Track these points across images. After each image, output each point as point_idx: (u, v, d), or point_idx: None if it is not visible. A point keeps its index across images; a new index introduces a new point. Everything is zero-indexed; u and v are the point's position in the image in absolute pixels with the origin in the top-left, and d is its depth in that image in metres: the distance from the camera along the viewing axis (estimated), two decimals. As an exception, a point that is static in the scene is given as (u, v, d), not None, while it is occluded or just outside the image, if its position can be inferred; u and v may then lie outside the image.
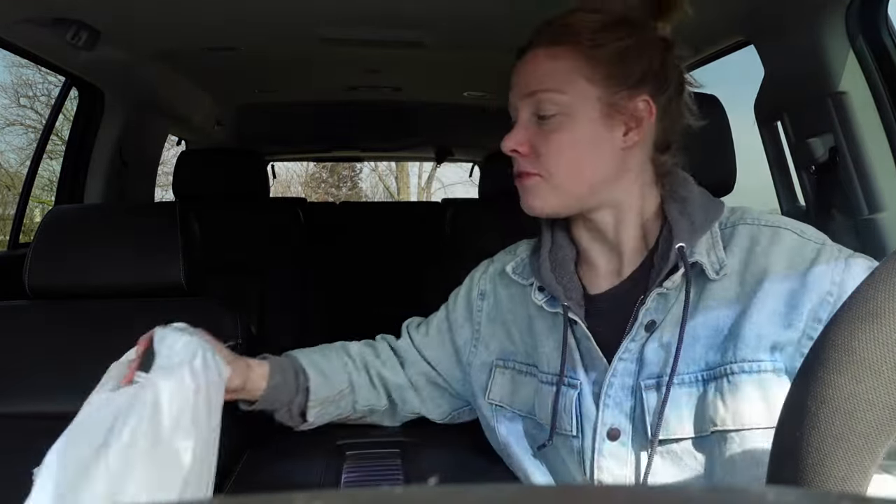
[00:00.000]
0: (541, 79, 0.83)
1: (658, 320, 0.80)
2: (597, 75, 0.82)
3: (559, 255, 0.90)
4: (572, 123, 0.82)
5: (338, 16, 1.60)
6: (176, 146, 3.01)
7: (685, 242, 0.80)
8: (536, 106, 0.83)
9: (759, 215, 0.83)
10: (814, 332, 0.74)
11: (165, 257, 1.31)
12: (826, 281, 0.75)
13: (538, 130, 0.84)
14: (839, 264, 0.76)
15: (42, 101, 8.04)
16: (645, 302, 0.81)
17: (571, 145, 0.83)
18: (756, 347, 0.75)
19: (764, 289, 0.76)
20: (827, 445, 0.40)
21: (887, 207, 1.26)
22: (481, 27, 1.69)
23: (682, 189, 0.85)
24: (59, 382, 1.26)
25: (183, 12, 1.55)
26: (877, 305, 0.40)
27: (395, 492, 0.27)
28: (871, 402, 0.39)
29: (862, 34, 1.27)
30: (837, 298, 0.74)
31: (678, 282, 0.80)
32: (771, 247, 0.78)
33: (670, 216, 0.83)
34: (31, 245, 1.33)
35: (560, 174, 0.83)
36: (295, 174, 12.11)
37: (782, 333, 0.75)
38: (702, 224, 0.82)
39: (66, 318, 1.32)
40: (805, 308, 0.75)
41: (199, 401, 0.77)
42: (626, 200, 0.85)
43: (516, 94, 0.86)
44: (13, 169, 7.88)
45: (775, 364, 0.75)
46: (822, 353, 0.42)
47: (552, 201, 0.85)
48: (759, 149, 1.57)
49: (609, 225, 0.86)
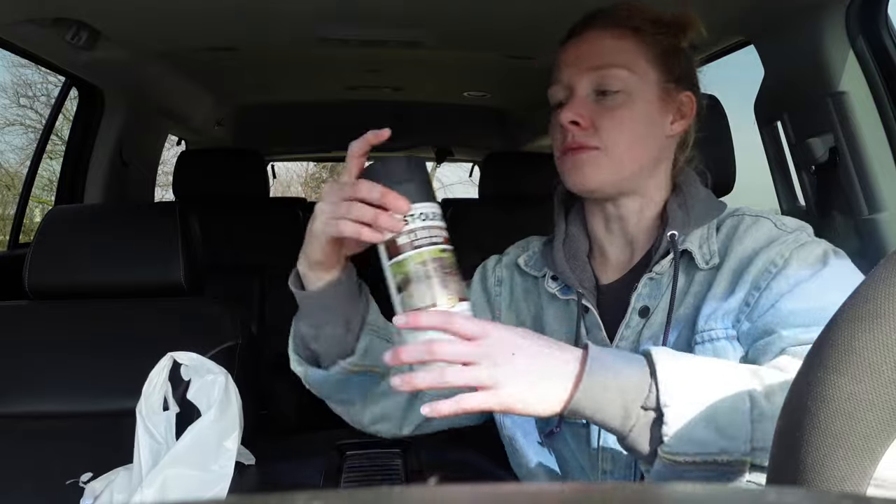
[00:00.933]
0: (607, 55, 0.85)
1: (652, 306, 0.84)
2: (656, 61, 0.86)
3: (573, 246, 0.92)
4: (632, 102, 0.85)
5: (338, 16, 1.60)
6: (176, 146, 3.01)
7: (678, 231, 0.83)
8: (599, 81, 0.85)
9: (749, 210, 0.86)
10: (751, 298, 0.78)
11: (165, 257, 1.31)
12: (775, 253, 0.78)
13: (597, 106, 0.85)
14: (797, 241, 0.79)
15: (42, 101, 8.04)
16: (637, 287, 0.85)
17: (632, 122, 0.85)
18: (710, 317, 0.80)
19: (727, 267, 0.81)
20: (827, 445, 0.40)
21: (887, 207, 1.26)
22: (481, 27, 1.69)
23: (687, 187, 0.89)
24: (60, 382, 1.26)
25: (183, 12, 1.55)
26: (877, 305, 0.40)
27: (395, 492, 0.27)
28: (872, 403, 0.39)
29: (862, 34, 1.27)
30: (780, 270, 0.77)
31: (666, 266, 0.84)
32: (747, 233, 0.82)
33: (669, 208, 0.87)
34: (31, 245, 1.33)
35: (619, 148, 0.85)
36: (295, 174, 12.10)
37: (730, 301, 0.79)
38: (698, 219, 0.85)
39: (66, 318, 1.32)
40: (749, 276, 0.78)
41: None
42: (652, 190, 0.89)
43: (573, 70, 0.87)
44: (13, 169, 7.88)
45: (727, 331, 0.79)
46: (823, 353, 0.42)
47: (605, 175, 0.85)
48: (759, 149, 1.57)
49: (632, 213, 0.89)
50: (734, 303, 0.79)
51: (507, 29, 1.71)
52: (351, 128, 3.16)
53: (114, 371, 1.25)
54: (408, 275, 0.67)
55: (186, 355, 1.18)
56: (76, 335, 1.30)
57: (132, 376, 1.19)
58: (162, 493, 1.05)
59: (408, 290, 0.67)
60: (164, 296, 1.33)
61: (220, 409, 1.13)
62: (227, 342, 1.27)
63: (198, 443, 1.10)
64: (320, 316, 0.82)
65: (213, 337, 1.27)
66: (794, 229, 0.82)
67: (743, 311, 0.79)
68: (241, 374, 1.25)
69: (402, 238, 0.68)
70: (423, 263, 0.67)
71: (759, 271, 0.78)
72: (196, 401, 1.15)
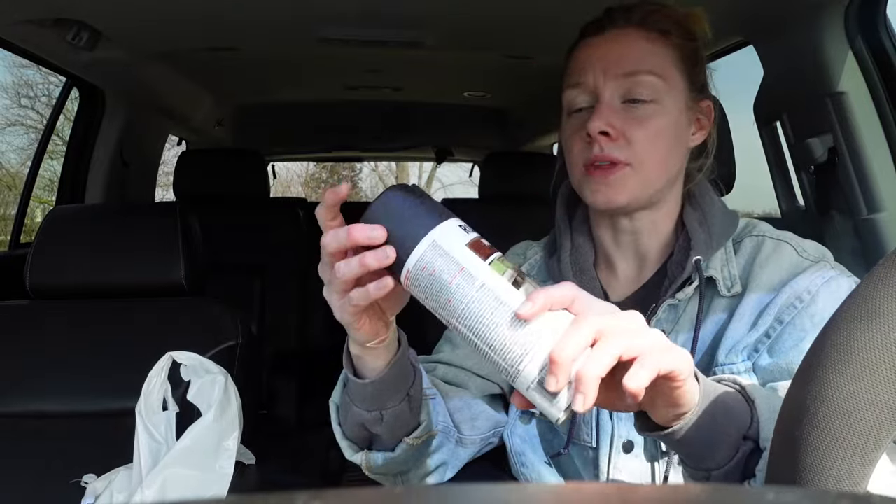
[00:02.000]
0: (639, 59, 0.79)
1: (668, 329, 0.79)
2: (685, 67, 0.81)
3: (580, 258, 0.87)
4: (663, 112, 0.79)
5: (338, 16, 1.60)
6: (176, 146, 3.01)
7: (702, 255, 0.78)
8: (629, 88, 0.79)
9: (767, 229, 0.82)
10: (773, 331, 0.74)
11: (166, 257, 1.31)
12: (802, 288, 0.74)
13: (626, 115, 0.79)
14: (823, 277, 0.75)
15: (43, 102, 8.04)
16: (657, 312, 0.80)
17: (664, 134, 0.79)
18: (732, 351, 0.76)
19: (749, 299, 0.77)
20: (826, 445, 0.40)
21: (886, 207, 1.26)
22: (481, 27, 1.69)
23: (702, 199, 0.84)
24: (60, 382, 1.26)
25: (183, 12, 1.55)
26: (876, 305, 0.40)
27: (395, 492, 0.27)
28: (870, 402, 0.39)
29: (861, 35, 1.27)
30: (806, 306, 0.73)
31: (690, 294, 0.79)
32: (769, 260, 0.78)
33: (690, 226, 0.81)
34: (32, 245, 1.33)
35: (651, 163, 0.79)
36: (295, 174, 12.10)
37: (752, 334, 0.76)
38: (719, 238, 0.81)
39: (66, 317, 1.33)
40: (774, 309, 0.75)
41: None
42: (670, 203, 0.84)
43: (600, 74, 0.79)
44: (14, 169, 7.88)
45: (746, 364, 0.75)
46: (822, 352, 0.42)
47: (634, 192, 0.79)
48: (758, 149, 1.58)
49: (646, 227, 0.84)
50: (755, 335, 0.75)
51: (507, 29, 1.71)
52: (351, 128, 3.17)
53: (114, 371, 1.25)
54: (517, 268, 0.55)
55: (186, 355, 1.18)
56: (76, 335, 1.31)
57: (132, 376, 1.19)
58: (162, 493, 1.05)
59: (526, 283, 0.53)
60: (165, 296, 1.34)
61: (220, 409, 1.13)
62: (227, 342, 1.28)
63: (198, 443, 1.10)
64: (383, 397, 0.69)
65: (213, 337, 1.27)
66: (818, 259, 0.78)
67: (762, 342, 0.75)
68: (241, 374, 1.25)
69: (483, 239, 0.56)
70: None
71: (783, 304, 0.74)
72: (196, 401, 1.15)
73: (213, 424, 1.12)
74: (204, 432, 1.11)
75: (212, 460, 1.10)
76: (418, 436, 0.74)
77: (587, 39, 0.83)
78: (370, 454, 0.74)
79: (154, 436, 1.13)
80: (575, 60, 0.83)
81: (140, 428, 1.14)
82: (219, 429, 1.12)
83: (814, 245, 0.80)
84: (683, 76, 0.81)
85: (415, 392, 0.71)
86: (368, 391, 0.68)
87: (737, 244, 0.82)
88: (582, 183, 0.81)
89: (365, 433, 0.73)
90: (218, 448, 1.11)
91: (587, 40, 0.83)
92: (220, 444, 1.12)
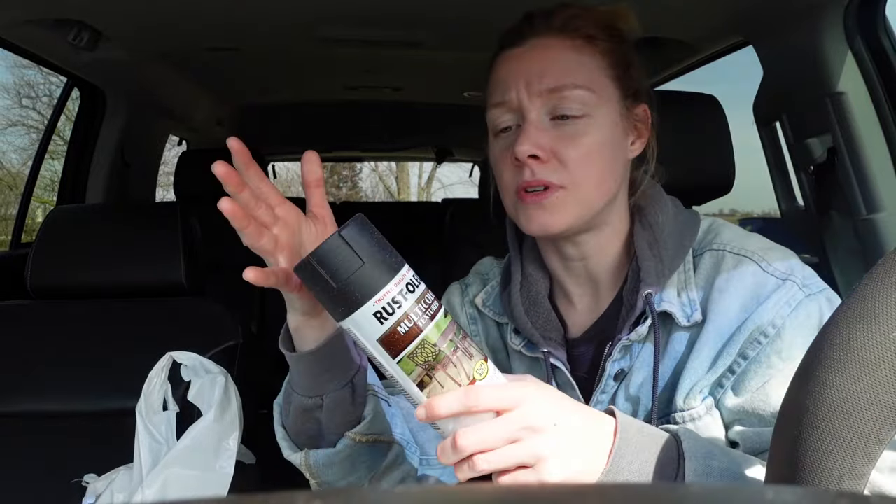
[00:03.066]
0: (566, 73, 0.72)
1: (626, 367, 0.74)
2: (616, 74, 0.75)
3: (532, 290, 0.80)
4: (597, 126, 0.72)
5: (338, 16, 1.60)
6: (177, 146, 3.01)
7: (654, 286, 0.72)
8: (556, 104, 0.72)
9: (728, 240, 0.75)
10: (737, 367, 0.69)
11: (166, 257, 1.32)
12: (766, 321, 0.69)
13: (556, 133, 0.72)
14: (789, 304, 0.69)
15: (44, 102, 8.04)
16: (612, 353, 0.74)
17: (599, 151, 0.73)
18: (688, 394, 0.71)
19: (709, 330, 0.71)
20: (825, 444, 0.40)
21: (885, 207, 1.26)
22: (481, 27, 1.69)
23: (652, 211, 0.77)
24: (60, 382, 1.26)
25: (183, 13, 1.55)
26: (875, 305, 0.40)
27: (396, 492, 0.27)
28: (869, 402, 0.39)
29: (860, 35, 1.27)
30: (771, 341, 0.68)
31: (644, 333, 0.73)
32: (730, 281, 0.71)
33: (640, 252, 0.75)
34: (33, 245, 1.34)
35: (588, 184, 0.72)
36: (295, 174, 12.08)
37: (711, 374, 0.71)
38: (672, 260, 0.74)
39: (66, 317, 1.33)
40: (736, 344, 0.69)
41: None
42: (615, 221, 0.78)
43: (523, 90, 0.73)
44: (15, 169, 7.89)
45: (706, 403, 0.71)
46: (821, 352, 0.42)
47: (571, 216, 0.73)
48: (757, 149, 1.58)
49: (594, 251, 0.78)
50: (714, 375, 0.70)
51: (507, 29, 1.71)
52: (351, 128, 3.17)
53: (114, 371, 1.25)
54: (428, 364, 0.53)
55: (186, 355, 1.19)
56: (77, 335, 1.31)
57: (132, 376, 1.19)
58: (162, 493, 1.05)
59: (432, 383, 0.54)
60: (165, 296, 1.34)
61: (220, 409, 1.13)
62: (227, 342, 1.28)
63: (198, 443, 1.10)
64: (322, 379, 0.67)
65: (213, 337, 1.27)
66: (784, 275, 0.70)
67: (727, 377, 0.70)
68: (241, 374, 1.25)
69: (400, 327, 0.52)
70: (435, 345, 0.53)
71: (747, 340, 0.69)
72: (196, 401, 1.15)
73: (213, 424, 1.12)
74: (204, 432, 1.11)
75: (212, 460, 1.10)
76: (363, 431, 0.70)
77: (507, 51, 0.76)
78: (310, 452, 0.71)
79: (154, 436, 1.13)
80: (495, 75, 0.76)
81: (140, 428, 1.14)
82: (219, 429, 1.12)
83: (780, 255, 0.73)
84: (615, 84, 0.74)
85: (359, 381, 0.69)
86: (305, 368, 0.66)
87: (697, 257, 0.75)
88: (516, 210, 0.75)
89: (308, 428, 0.70)
90: (218, 448, 1.11)
91: (507, 52, 0.76)
92: (220, 444, 1.12)
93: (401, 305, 0.53)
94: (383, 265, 0.53)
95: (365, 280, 0.52)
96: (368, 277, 0.52)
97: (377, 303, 0.52)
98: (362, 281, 0.52)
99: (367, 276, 0.52)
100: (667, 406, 0.72)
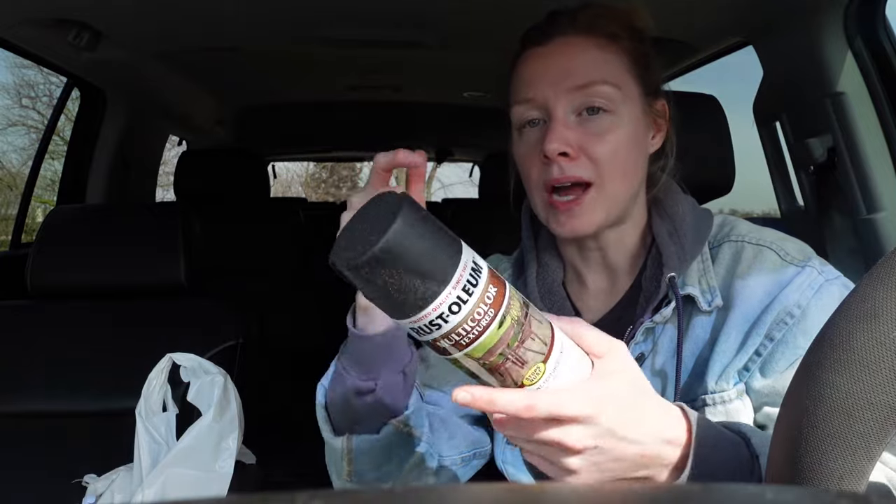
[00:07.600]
0: (591, 70, 0.74)
1: (647, 351, 0.75)
2: (637, 71, 0.77)
3: (548, 279, 0.82)
4: (622, 123, 0.74)
5: (338, 16, 1.60)
6: (177, 146, 3.01)
7: (676, 271, 0.74)
8: (583, 101, 0.74)
9: (746, 232, 0.77)
10: (764, 349, 0.70)
11: (166, 257, 1.32)
12: (791, 302, 0.70)
13: (583, 130, 0.74)
14: (812, 287, 0.71)
15: (44, 102, 8.05)
16: (634, 336, 0.75)
17: (626, 147, 0.74)
18: (720, 377, 0.72)
19: (735, 315, 0.72)
20: (825, 444, 0.40)
21: (885, 207, 1.26)
22: (481, 27, 1.69)
23: (670, 203, 0.79)
24: (60, 382, 1.26)
25: (184, 13, 1.55)
26: (875, 304, 0.40)
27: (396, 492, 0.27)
28: (869, 402, 0.39)
29: (860, 35, 1.27)
30: (797, 322, 0.70)
31: (668, 315, 0.74)
32: (751, 269, 0.73)
33: (659, 239, 0.77)
34: (33, 245, 1.34)
35: (615, 179, 0.74)
36: (295, 174, 12.10)
37: (740, 357, 0.72)
38: (692, 248, 0.76)
39: (67, 317, 1.33)
40: (762, 327, 0.71)
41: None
42: (635, 215, 0.80)
43: (549, 88, 0.74)
44: (15, 169, 7.89)
45: (738, 388, 0.72)
46: (821, 352, 0.42)
47: (601, 215, 0.75)
48: (757, 149, 1.58)
49: (612, 242, 0.80)
50: (744, 357, 0.71)
51: (507, 29, 1.71)
52: (351, 128, 3.17)
53: (114, 371, 1.25)
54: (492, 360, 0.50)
55: (185, 356, 1.19)
56: (77, 335, 1.31)
57: (132, 376, 1.19)
58: (162, 493, 1.05)
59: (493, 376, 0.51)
60: (165, 296, 1.34)
61: (220, 409, 1.13)
62: (227, 342, 1.28)
63: (198, 443, 1.10)
64: (379, 362, 0.68)
65: (213, 337, 1.27)
66: (803, 261, 0.72)
67: (753, 361, 0.71)
68: (241, 374, 1.25)
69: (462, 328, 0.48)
70: (498, 342, 0.49)
71: (773, 321, 0.70)
72: (195, 401, 1.15)
73: (212, 424, 1.12)
74: (204, 432, 1.11)
75: (212, 460, 1.10)
76: (404, 421, 0.71)
77: (532, 49, 0.77)
78: (353, 437, 0.71)
79: (154, 437, 1.13)
80: (521, 74, 0.78)
81: (140, 429, 1.14)
82: (219, 429, 1.12)
83: (797, 245, 0.75)
84: (637, 81, 0.76)
85: (410, 371, 0.70)
86: (368, 350, 0.67)
87: (714, 249, 0.77)
88: (546, 213, 0.76)
89: (353, 413, 0.70)
90: (218, 448, 1.12)
91: (532, 50, 0.77)
92: (220, 444, 1.12)
93: (460, 308, 0.48)
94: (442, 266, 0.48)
95: (424, 289, 0.47)
96: (427, 286, 0.47)
97: (435, 310, 0.48)
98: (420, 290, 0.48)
99: (426, 286, 0.47)
100: (688, 390, 0.73)
